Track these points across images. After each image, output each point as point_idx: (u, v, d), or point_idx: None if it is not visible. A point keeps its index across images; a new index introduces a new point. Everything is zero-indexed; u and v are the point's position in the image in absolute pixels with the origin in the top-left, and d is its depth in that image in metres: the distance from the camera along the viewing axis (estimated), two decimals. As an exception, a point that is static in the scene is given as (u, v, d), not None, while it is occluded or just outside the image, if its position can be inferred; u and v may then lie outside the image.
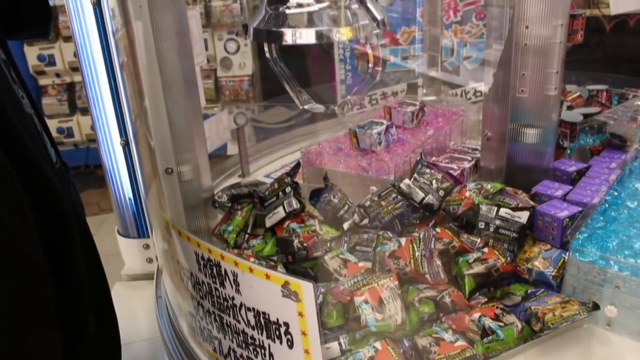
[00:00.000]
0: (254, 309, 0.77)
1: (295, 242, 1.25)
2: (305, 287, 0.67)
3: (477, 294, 1.16)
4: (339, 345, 1.04)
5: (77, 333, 0.87)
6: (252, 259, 1.22)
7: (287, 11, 1.15)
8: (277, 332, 0.75)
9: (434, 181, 1.38)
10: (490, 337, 1.04)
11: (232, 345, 0.87)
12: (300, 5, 1.13)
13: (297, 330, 0.71)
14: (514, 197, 1.32)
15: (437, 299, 1.12)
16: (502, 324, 1.05)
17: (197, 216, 1.48)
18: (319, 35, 1.16)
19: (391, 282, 1.09)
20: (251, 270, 0.73)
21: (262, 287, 0.73)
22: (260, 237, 1.42)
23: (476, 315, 1.08)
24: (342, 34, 1.15)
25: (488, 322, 1.06)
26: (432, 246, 1.21)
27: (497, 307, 1.10)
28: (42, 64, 4.47)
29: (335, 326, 1.08)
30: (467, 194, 1.33)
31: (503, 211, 1.26)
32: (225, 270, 0.78)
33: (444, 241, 1.24)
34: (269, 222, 1.41)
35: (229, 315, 0.83)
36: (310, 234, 1.26)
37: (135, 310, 1.67)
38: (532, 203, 1.29)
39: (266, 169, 2.04)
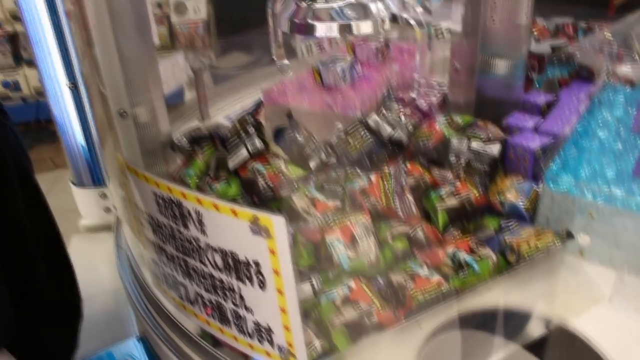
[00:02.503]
0: (221, 249, 0.72)
1: (261, 182, 1.19)
2: (276, 222, 0.62)
3: (451, 228, 1.13)
4: (312, 287, 1.00)
5: (26, 285, 0.81)
6: (216, 202, 1.16)
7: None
8: (247, 273, 0.70)
9: (402, 116, 1.33)
10: (466, 271, 1.01)
11: (199, 291, 0.81)
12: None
13: (269, 270, 0.66)
14: (485, 129, 1.28)
15: (411, 234, 1.09)
16: (477, 257, 1.03)
17: (155, 161, 1.40)
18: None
19: (364, 219, 1.05)
20: (216, 207, 0.67)
21: (228, 225, 0.68)
22: (223, 180, 1.36)
23: (451, 249, 1.05)
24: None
25: (463, 255, 1.03)
26: (403, 182, 1.17)
27: (471, 241, 1.07)
28: (-23, 13, 4.19)
29: (307, 267, 1.04)
30: (437, 127, 1.28)
31: (474, 144, 1.23)
32: (187, 210, 0.72)
33: (414, 176, 1.20)
34: (232, 164, 1.34)
35: (194, 259, 0.77)
36: (276, 173, 1.20)
37: (96, 263, 1.60)
38: (503, 135, 1.26)
39: (226, 112, 1.96)
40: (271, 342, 0.75)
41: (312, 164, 1.31)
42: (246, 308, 0.75)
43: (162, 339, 1.01)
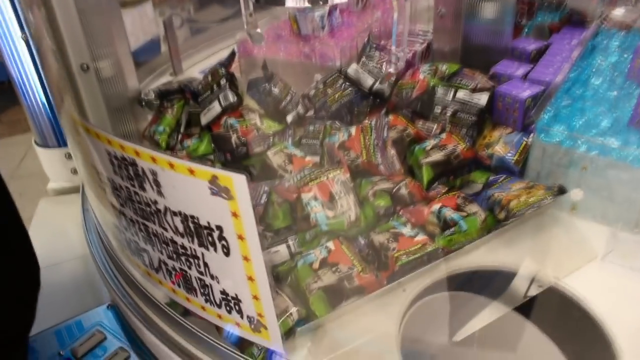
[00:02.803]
0: (180, 212, 0.65)
1: (233, 137, 1.11)
2: (237, 181, 0.54)
3: (436, 183, 1.07)
4: (288, 248, 0.94)
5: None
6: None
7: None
8: (210, 238, 0.63)
9: (384, 64, 1.25)
10: (452, 229, 0.95)
11: (162, 258, 0.74)
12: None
13: (233, 234, 0.59)
14: (471, 78, 1.20)
15: (393, 191, 1.02)
16: (464, 214, 0.97)
17: (123, 119, 1.31)
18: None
19: (342, 175, 0.98)
20: (172, 166, 0.60)
21: (186, 186, 0.60)
22: (195, 136, 1.28)
23: (436, 206, 0.99)
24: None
25: (449, 213, 0.97)
26: (385, 135, 1.09)
27: (458, 197, 1.01)
28: None
29: (283, 227, 0.97)
30: (421, 76, 1.20)
31: (461, 93, 1.15)
32: (142, 170, 0.64)
33: (397, 129, 1.13)
34: (204, 119, 1.26)
35: (154, 223, 0.70)
36: (250, 127, 1.12)
37: (65, 227, 1.52)
38: (491, 84, 1.18)
39: (201, 66, 1.85)
40: (240, 312, 0.69)
41: (289, 118, 1.23)
42: (211, 276, 0.68)
43: (130, 308, 0.95)
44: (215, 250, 0.64)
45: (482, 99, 1.13)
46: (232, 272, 0.65)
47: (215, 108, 1.23)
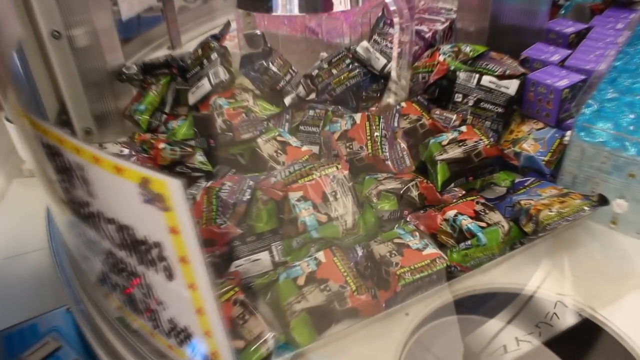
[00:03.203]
0: (114, 220, 0.50)
1: (218, 120, 0.96)
2: (172, 187, 0.40)
3: (452, 185, 0.91)
4: (270, 256, 0.79)
5: None
6: (161, 146, 0.93)
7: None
8: (149, 256, 0.48)
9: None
10: (469, 242, 0.79)
11: (104, 269, 0.60)
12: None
13: (174, 255, 0.44)
14: (499, 62, 1.04)
15: (401, 192, 0.86)
16: (483, 224, 0.81)
17: (102, 95, 1.17)
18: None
19: (339, 172, 0.82)
20: (96, 160, 0.45)
21: (116, 188, 0.46)
22: (182, 117, 1.13)
23: (451, 213, 0.83)
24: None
25: (466, 222, 0.81)
26: (396, 124, 0.94)
27: (477, 202, 0.85)
28: None
29: (267, 231, 0.82)
30: (441, 58, 1.04)
31: (486, 79, 0.99)
32: (69, 163, 0.49)
33: (410, 118, 0.97)
34: (192, 97, 1.11)
35: (91, 229, 0.55)
36: (237, 110, 0.96)
37: (34, 213, 1.37)
38: (522, 70, 1.01)
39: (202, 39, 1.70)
40: (192, 347, 0.54)
41: (287, 100, 1.07)
42: (157, 301, 0.54)
43: (82, 316, 0.81)
44: (157, 271, 0.49)
45: (512, 87, 0.97)
46: (179, 300, 0.50)
47: (205, 86, 1.08)
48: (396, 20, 0.54)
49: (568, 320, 0.77)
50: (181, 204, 0.41)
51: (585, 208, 0.82)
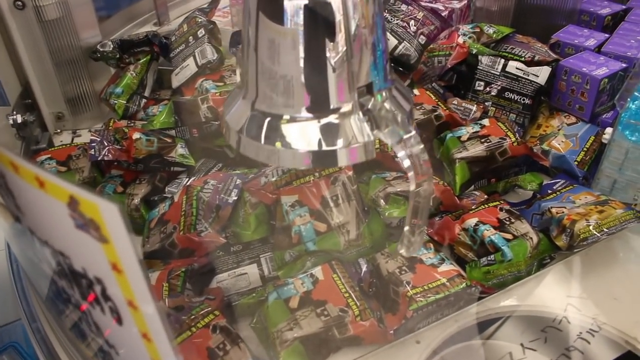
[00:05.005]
0: (47, 243, 0.38)
1: (202, 107, 0.83)
2: (106, 213, 0.27)
3: (472, 187, 0.78)
4: (259, 270, 0.67)
5: None
6: (136, 136, 0.81)
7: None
8: (92, 293, 0.36)
9: (412, 22, 0.95)
10: (492, 257, 0.68)
11: (50, 295, 0.48)
12: None
13: (120, 297, 0.32)
14: (527, 47, 0.91)
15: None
16: (509, 235, 0.69)
17: (76, 75, 1.04)
18: None
19: (341, 173, 0.70)
20: (15, 169, 0.33)
21: (42, 205, 0.33)
22: (164, 102, 1.00)
23: (471, 221, 0.71)
24: None
25: (489, 233, 0.69)
26: (408, 117, 0.81)
27: (501, 209, 0.73)
28: None
29: (255, 240, 0.70)
30: (460, 40, 0.91)
31: (513, 66, 0.87)
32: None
33: (424, 108, 0.84)
34: (175, 80, 0.98)
35: (29, 249, 0.43)
36: (225, 95, 0.84)
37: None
38: (554, 56, 0.89)
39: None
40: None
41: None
42: (107, 342, 0.42)
43: (38, 335, 0.69)
44: (103, 311, 0.37)
45: (542, 74, 0.85)
46: (132, 348, 0.38)
47: (190, 66, 0.96)
48: (411, 175, 0.45)
49: (605, 350, 0.65)
50: (120, 236, 0.29)
51: (628, 220, 0.70)
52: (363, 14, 0.43)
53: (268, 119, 0.46)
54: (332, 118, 0.45)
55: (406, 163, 0.45)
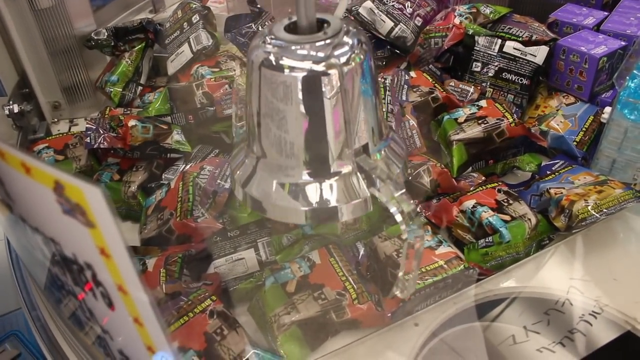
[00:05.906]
0: (38, 230, 0.38)
1: (198, 93, 0.83)
2: (90, 197, 0.27)
3: (470, 169, 0.78)
4: (256, 254, 0.67)
5: None
6: (132, 123, 0.80)
7: None
8: (83, 279, 0.36)
9: (407, 4, 0.95)
10: (490, 238, 0.67)
11: (47, 283, 0.48)
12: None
13: (110, 282, 0.32)
14: (524, 26, 0.91)
15: (410, 178, 0.74)
16: (507, 217, 0.69)
17: (72, 64, 1.04)
18: None
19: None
20: (2, 155, 0.32)
21: (30, 191, 0.34)
22: (160, 89, 1.00)
23: (469, 203, 0.71)
24: None
25: (487, 214, 0.69)
26: (404, 97, 0.81)
27: (499, 190, 0.73)
28: None
29: (252, 223, 0.70)
30: (457, 21, 0.91)
31: (510, 46, 0.86)
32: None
33: (420, 90, 0.84)
34: (171, 66, 0.98)
35: (23, 237, 0.43)
36: (220, 81, 0.84)
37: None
38: (551, 35, 0.88)
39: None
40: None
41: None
42: (102, 328, 0.42)
43: (38, 323, 0.70)
44: (95, 297, 0.37)
45: (539, 54, 0.84)
46: (126, 332, 0.38)
47: (185, 53, 0.95)
48: (403, 228, 0.48)
49: (604, 331, 0.65)
50: (105, 220, 0.29)
51: (628, 199, 0.69)
52: (359, 82, 0.47)
53: (274, 181, 0.49)
54: (332, 180, 0.49)
55: (398, 218, 0.48)
